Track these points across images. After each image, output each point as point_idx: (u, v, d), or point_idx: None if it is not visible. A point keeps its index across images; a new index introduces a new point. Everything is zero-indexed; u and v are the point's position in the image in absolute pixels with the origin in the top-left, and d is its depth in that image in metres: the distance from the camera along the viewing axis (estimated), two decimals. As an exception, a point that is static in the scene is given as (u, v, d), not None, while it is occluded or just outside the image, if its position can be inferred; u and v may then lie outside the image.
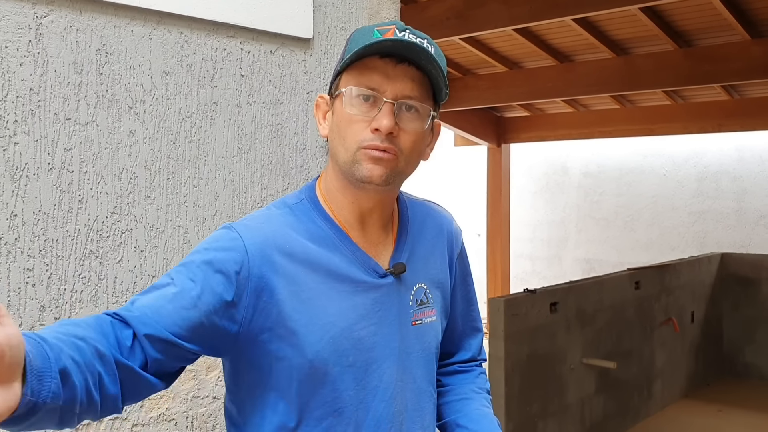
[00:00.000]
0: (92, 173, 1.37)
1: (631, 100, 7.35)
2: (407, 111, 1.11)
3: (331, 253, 1.14)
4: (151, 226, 1.45)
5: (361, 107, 1.10)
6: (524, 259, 9.56)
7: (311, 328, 1.10)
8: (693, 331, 5.91)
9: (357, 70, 1.11)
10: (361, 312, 1.14)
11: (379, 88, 1.09)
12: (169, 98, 1.48)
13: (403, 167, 1.13)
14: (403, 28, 1.10)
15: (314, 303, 1.11)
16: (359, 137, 1.10)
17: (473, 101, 7.15)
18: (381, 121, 1.08)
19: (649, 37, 5.58)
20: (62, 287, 1.33)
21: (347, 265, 1.15)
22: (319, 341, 1.10)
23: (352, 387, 1.13)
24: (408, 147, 1.12)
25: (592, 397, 4.61)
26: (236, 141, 1.60)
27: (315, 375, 1.11)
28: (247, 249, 1.07)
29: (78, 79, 1.35)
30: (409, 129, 1.11)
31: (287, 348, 1.09)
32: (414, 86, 1.11)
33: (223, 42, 1.58)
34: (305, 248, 1.13)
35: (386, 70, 1.09)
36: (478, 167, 9.50)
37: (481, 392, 1.36)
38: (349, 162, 1.11)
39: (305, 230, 1.15)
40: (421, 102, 1.12)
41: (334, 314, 1.12)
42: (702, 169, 8.18)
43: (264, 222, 1.13)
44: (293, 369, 1.10)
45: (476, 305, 1.41)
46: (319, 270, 1.13)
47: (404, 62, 1.10)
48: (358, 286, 1.14)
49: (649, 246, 8.47)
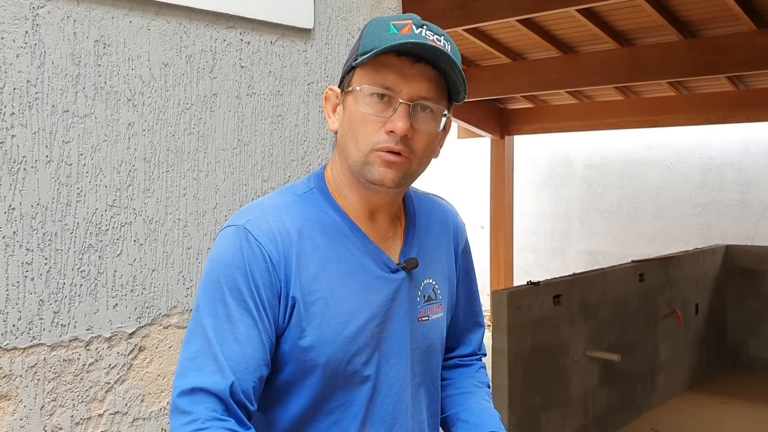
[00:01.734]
0: (91, 166, 1.36)
1: (636, 92, 7.32)
2: (422, 111, 1.08)
3: (342, 246, 1.12)
4: (150, 219, 1.44)
5: (376, 106, 1.07)
6: (528, 252, 9.53)
7: (325, 329, 1.08)
8: (697, 324, 5.89)
9: (372, 67, 1.08)
10: (374, 309, 1.12)
11: (395, 87, 1.07)
12: (168, 90, 1.47)
13: (415, 169, 1.12)
14: (420, 24, 1.07)
15: (328, 304, 1.09)
16: (373, 138, 1.07)
17: (476, 93, 7.11)
18: (396, 124, 1.05)
19: (654, 28, 5.54)
20: (61, 281, 1.32)
21: (359, 259, 1.13)
22: (333, 342, 1.09)
23: (361, 384, 1.13)
24: (421, 148, 1.10)
25: (596, 389, 4.60)
26: (236, 133, 1.58)
27: (328, 375, 1.10)
28: (270, 256, 1.06)
29: (76, 71, 1.34)
30: (423, 130, 1.09)
31: (301, 349, 1.09)
32: (430, 87, 1.08)
33: (222, 33, 1.56)
34: (316, 244, 1.10)
35: (402, 69, 1.06)
36: (481, 159, 9.47)
37: (481, 386, 1.35)
38: (361, 162, 1.09)
39: (316, 220, 1.12)
40: (436, 103, 1.10)
41: (348, 313, 1.10)
42: (707, 161, 8.14)
43: (276, 218, 1.10)
44: (307, 369, 1.10)
45: (478, 300, 1.40)
46: (331, 266, 1.11)
47: (421, 61, 1.07)
48: (371, 282, 1.13)
49: (653, 238, 8.45)
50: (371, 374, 1.12)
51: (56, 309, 1.31)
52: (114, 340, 1.39)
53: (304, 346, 1.08)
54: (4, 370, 1.25)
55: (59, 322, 1.31)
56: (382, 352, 1.13)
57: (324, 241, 1.11)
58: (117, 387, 1.39)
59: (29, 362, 1.27)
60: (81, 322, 1.34)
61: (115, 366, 1.39)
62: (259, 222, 1.09)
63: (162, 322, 1.45)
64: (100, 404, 1.37)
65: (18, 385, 1.26)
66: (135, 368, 1.41)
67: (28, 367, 1.27)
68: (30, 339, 1.28)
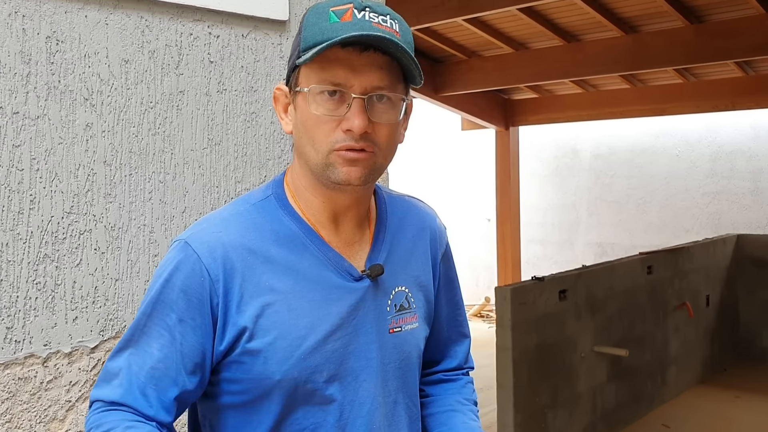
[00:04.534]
0: (45, 171, 1.27)
1: (642, 80, 7.18)
2: (379, 102, 1.00)
3: (300, 256, 1.05)
4: (112, 226, 1.36)
5: (328, 105, 0.99)
6: (535, 244, 9.41)
7: (279, 344, 1.01)
8: (708, 316, 5.77)
9: (318, 64, 0.99)
10: (334, 321, 1.04)
11: (345, 82, 0.98)
12: (129, 88, 1.38)
13: (381, 162, 1.04)
14: (362, 6, 0.98)
15: (282, 318, 1.02)
16: (330, 138, 0.99)
17: (479, 84, 6.99)
18: (353, 122, 0.97)
19: (659, 14, 5.41)
20: (14, 294, 1.24)
21: (318, 269, 1.05)
22: (288, 359, 1.01)
23: (326, 403, 1.04)
24: (384, 141, 1.02)
25: (604, 385, 4.51)
26: (206, 132, 1.49)
27: (285, 394, 1.02)
28: (209, 270, 1.00)
29: (26, 70, 1.25)
30: (384, 121, 1.01)
31: (254, 367, 1.01)
32: (383, 75, 0.99)
33: (188, 26, 1.47)
34: (269, 256, 1.04)
35: (351, 62, 0.98)
36: (486, 151, 9.35)
37: (467, 403, 1.25)
38: (322, 165, 1.01)
39: (271, 230, 1.06)
40: (392, 90, 1.01)
41: (305, 327, 1.02)
42: (716, 149, 7.99)
43: (222, 229, 1.04)
44: (262, 389, 1.02)
45: (463, 309, 1.30)
46: (286, 279, 1.03)
47: (369, 49, 0.98)
48: (330, 293, 1.05)
49: (663, 228, 8.31)
50: (334, 393, 1.04)
51: (9, 324, 1.23)
52: (74, 355, 1.30)
53: (256, 364, 1.01)
54: (-49, 391, 1.17)
55: (13, 338, 1.23)
56: (348, 369, 1.05)
57: (279, 252, 1.04)
58: (79, 405, 1.31)
59: (-20, 382, 1.19)
60: (37, 338, 1.26)
61: (77, 383, 1.31)
62: (202, 235, 1.03)
63: (127, 335, 1.37)
64: (60, 424, 1.29)
65: (-33, 407, 1.18)
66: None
67: (-22, 388, 1.19)
68: (-20, 357, 1.19)
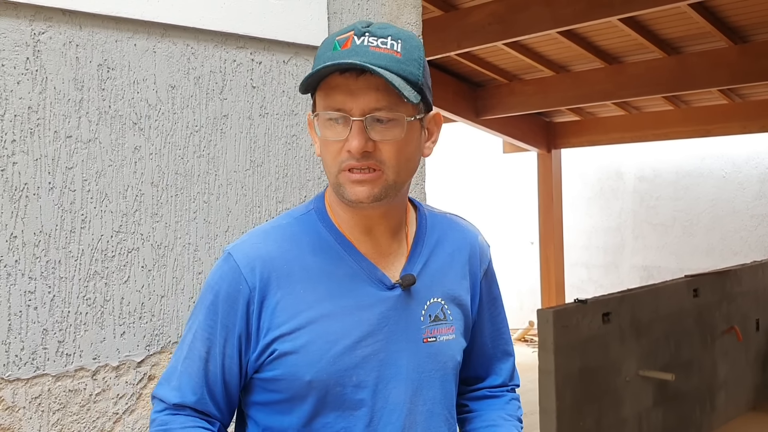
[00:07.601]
0: (95, 192, 1.34)
1: (686, 101, 7.09)
2: (379, 123, 1.04)
3: (334, 265, 1.10)
4: (159, 245, 1.41)
5: (334, 129, 1.05)
6: (580, 267, 9.30)
7: (310, 347, 1.06)
8: (758, 340, 5.62)
9: (323, 91, 1.06)
10: (366, 328, 1.08)
11: (344, 107, 1.03)
12: (175, 112, 1.44)
13: (393, 179, 1.07)
14: (362, 32, 1.03)
15: (314, 322, 1.07)
16: (337, 159, 1.06)
17: (520, 107, 6.99)
18: (351, 143, 1.03)
19: (702, 35, 5.36)
20: (66, 309, 1.29)
21: (351, 277, 1.10)
22: (318, 361, 1.05)
23: (356, 408, 1.07)
24: (391, 157, 1.05)
25: (650, 410, 4.41)
26: (248, 154, 1.55)
27: (316, 397, 1.06)
28: (246, 279, 1.07)
29: (79, 96, 1.32)
30: (388, 138, 1.04)
31: (286, 368, 1.06)
32: (380, 96, 1.03)
33: (232, 53, 1.53)
34: (305, 264, 1.09)
35: (348, 87, 1.03)
36: (528, 173, 9.30)
37: (510, 419, 1.26)
38: (335, 185, 1.08)
39: (309, 242, 1.11)
40: (392, 110, 1.04)
41: (336, 332, 1.07)
42: (764, 170, 7.82)
43: (261, 241, 1.11)
44: (293, 390, 1.06)
45: (506, 327, 1.32)
46: (320, 286, 1.09)
47: (365, 72, 1.02)
48: (363, 300, 1.09)
49: (710, 252, 8.14)
50: (364, 398, 1.07)
51: (61, 338, 1.28)
52: (122, 369, 1.36)
53: (288, 365, 1.06)
54: (6, 401, 1.22)
55: (64, 351, 1.29)
56: (378, 375, 1.08)
57: (314, 261, 1.09)
58: (126, 417, 1.36)
59: (33, 393, 1.25)
60: (87, 351, 1.31)
61: (124, 395, 1.35)
62: (243, 246, 1.11)
63: (172, 350, 1.41)
64: (108, 435, 1.34)
65: (21, 417, 1.23)
66: (144, 397, 1.38)
67: (31, 399, 1.25)
68: (33, 369, 1.25)
